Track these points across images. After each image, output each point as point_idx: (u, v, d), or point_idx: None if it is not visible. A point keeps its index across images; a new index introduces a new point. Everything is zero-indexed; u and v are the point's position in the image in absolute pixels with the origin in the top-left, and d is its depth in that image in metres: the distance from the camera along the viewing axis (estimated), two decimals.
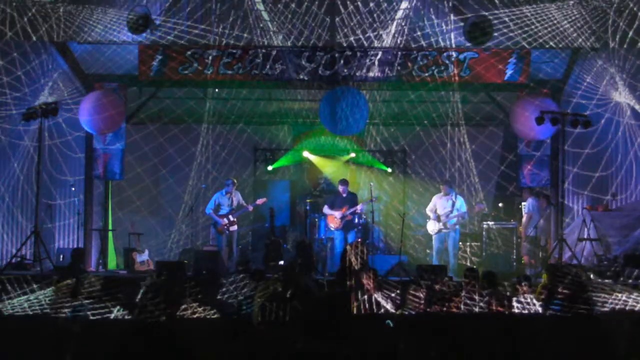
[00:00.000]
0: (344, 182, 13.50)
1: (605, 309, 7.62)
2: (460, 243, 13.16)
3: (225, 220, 13.25)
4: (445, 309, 7.67)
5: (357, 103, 12.29)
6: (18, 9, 11.27)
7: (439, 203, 12.83)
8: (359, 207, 13.25)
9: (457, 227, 12.71)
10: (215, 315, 6.92)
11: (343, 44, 12.18)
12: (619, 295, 7.78)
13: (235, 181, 13.58)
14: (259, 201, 13.73)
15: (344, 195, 13.31)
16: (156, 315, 5.72)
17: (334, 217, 13.22)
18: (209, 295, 7.83)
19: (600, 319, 7.10)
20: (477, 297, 7.78)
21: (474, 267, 10.60)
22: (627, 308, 7.68)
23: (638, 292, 8.05)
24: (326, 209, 13.37)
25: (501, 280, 9.05)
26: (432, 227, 12.82)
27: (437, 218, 12.73)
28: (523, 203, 13.53)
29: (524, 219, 13.23)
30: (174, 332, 5.33)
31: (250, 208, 13.62)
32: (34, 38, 11.59)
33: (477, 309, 7.69)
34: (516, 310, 7.89)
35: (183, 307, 6.90)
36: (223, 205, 13.33)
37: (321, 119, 12.70)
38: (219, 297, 8.02)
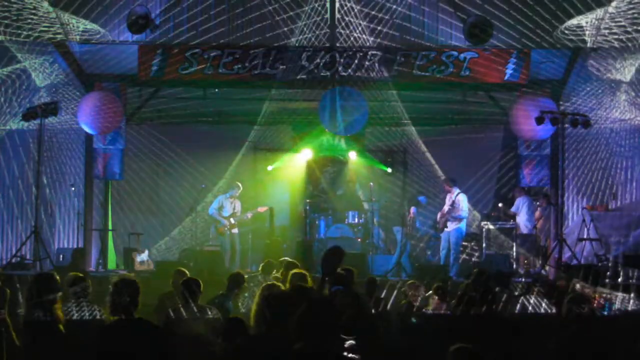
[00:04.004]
0: None
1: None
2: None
3: (227, 222, 13.28)
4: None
5: (357, 103, 12.28)
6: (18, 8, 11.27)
7: (445, 201, 12.87)
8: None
9: (460, 227, 12.64)
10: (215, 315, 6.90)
11: (343, 44, 12.19)
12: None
13: (240, 187, 13.61)
14: (260, 209, 13.78)
15: None
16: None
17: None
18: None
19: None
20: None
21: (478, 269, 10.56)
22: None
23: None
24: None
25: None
26: (439, 225, 12.90)
27: (441, 217, 12.78)
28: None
29: (517, 219, 13.24)
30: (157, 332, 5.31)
31: (249, 216, 13.69)
32: (34, 38, 11.59)
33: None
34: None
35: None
36: (225, 208, 13.39)
37: (320, 119, 12.70)
38: None
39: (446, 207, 12.72)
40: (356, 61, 12.27)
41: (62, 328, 6.18)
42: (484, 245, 13.25)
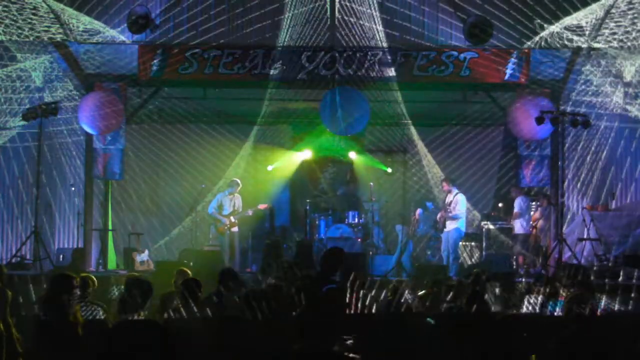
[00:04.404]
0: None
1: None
2: (461, 243, 13.14)
3: (227, 221, 13.26)
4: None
5: (358, 103, 12.28)
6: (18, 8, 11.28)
7: (445, 201, 12.86)
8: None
9: (458, 227, 12.63)
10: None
11: (343, 44, 12.19)
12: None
13: (240, 183, 13.57)
14: (261, 206, 13.76)
15: None
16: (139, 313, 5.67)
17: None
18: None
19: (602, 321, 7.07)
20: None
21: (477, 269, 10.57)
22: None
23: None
24: None
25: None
26: (439, 226, 12.89)
27: (441, 217, 12.77)
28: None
29: (513, 219, 13.21)
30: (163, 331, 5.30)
31: (250, 213, 13.64)
32: (34, 38, 11.60)
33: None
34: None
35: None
36: (225, 205, 13.35)
37: (322, 119, 12.70)
38: None
39: (444, 208, 12.70)
40: (356, 61, 12.28)
41: (80, 330, 6.08)
42: (484, 245, 13.25)
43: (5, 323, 6.61)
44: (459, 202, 12.52)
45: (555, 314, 7.35)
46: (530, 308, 7.85)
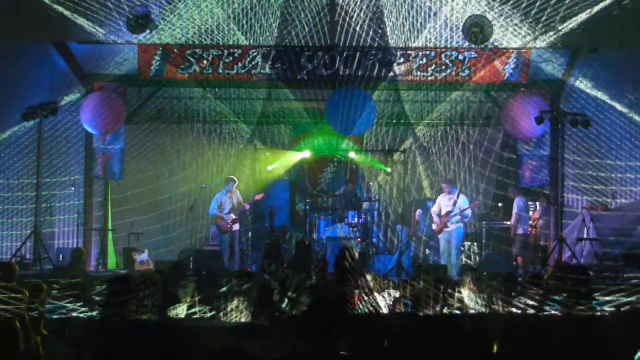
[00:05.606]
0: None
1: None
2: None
3: (229, 219, 13.25)
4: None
5: (364, 103, 12.28)
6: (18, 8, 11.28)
7: (442, 202, 12.80)
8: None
9: (461, 226, 12.63)
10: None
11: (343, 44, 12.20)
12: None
13: (237, 180, 13.55)
14: (258, 196, 13.73)
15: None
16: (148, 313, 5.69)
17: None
18: (208, 295, 7.81)
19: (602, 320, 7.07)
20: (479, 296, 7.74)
21: (474, 267, 10.59)
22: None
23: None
24: None
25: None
26: (436, 226, 12.82)
27: (440, 217, 12.72)
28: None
29: (512, 220, 13.19)
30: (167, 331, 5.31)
31: (247, 207, 13.62)
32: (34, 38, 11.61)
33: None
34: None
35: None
36: (225, 204, 13.34)
37: (327, 118, 12.70)
38: None
39: (445, 208, 12.67)
40: (356, 61, 12.28)
41: None
42: (484, 245, 13.25)
43: (22, 322, 6.61)
44: (466, 201, 12.57)
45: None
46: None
